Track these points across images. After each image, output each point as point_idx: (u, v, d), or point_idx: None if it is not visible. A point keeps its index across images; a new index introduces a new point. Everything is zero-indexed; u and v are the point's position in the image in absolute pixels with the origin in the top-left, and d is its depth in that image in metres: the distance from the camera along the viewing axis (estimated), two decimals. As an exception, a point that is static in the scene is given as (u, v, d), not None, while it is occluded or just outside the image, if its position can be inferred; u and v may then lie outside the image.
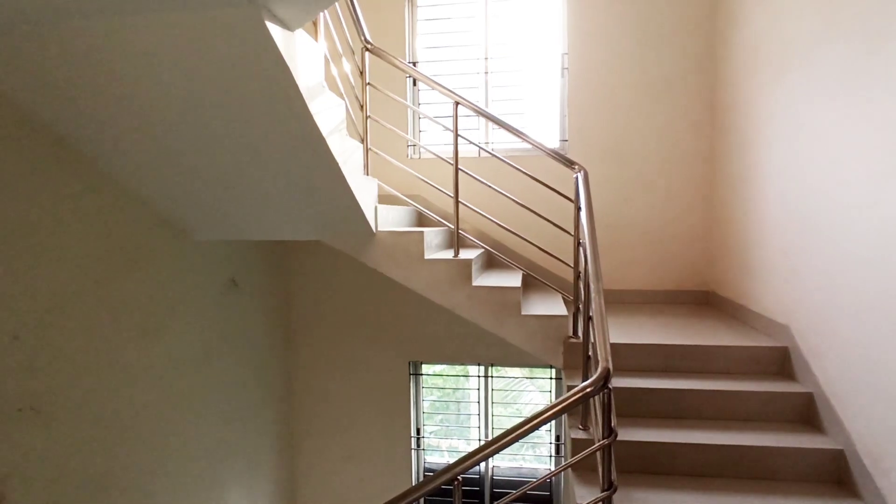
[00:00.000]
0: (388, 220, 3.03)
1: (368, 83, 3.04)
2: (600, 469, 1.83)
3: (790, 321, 2.70)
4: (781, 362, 2.70)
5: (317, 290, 4.25)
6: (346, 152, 2.39)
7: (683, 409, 2.54)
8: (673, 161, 3.88)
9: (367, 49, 2.98)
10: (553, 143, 4.02)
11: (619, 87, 3.88)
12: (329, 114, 2.13)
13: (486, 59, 4.03)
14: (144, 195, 2.57)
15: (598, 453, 1.80)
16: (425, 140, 4.26)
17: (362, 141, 2.98)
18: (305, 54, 1.88)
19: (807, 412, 2.46)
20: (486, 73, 4.04)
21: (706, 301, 3.88)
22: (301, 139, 2.06)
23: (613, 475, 1.76)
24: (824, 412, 2.36)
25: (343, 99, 2.42)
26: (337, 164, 2.22)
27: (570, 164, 2.81)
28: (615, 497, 1.79)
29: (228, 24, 1.53)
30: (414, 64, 4.10)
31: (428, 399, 4.48)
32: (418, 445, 4.34)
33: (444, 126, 3.09)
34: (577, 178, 2.69)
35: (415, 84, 4.14)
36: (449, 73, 4.07)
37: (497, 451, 1.65)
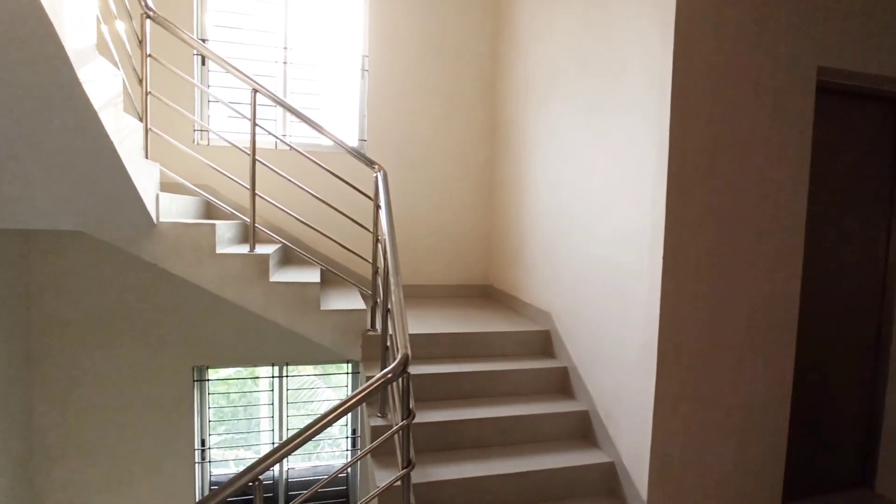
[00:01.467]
0: (171, 210, 2.74)
1: (150, 55, 2.70)
2: (398, 450, 1.95)
3: (551, 309, 3.22)
4: (545, 343, 3.20)
5: (71, 290, 3.58)
6: (123, 131, 2.10)
7: (468, 389, 2.84)
8: (460, 166, 4.27)
9: (148, 17, 2.65)
10: (352, 141, 4.09)
11: (416, 94, 4.12)
12: (102, 84, 1.85)
13: (286, 48, 3.90)
14: None
15: (396, 435, 1.92)
16: (213, 126, 3.93)
17: (141, 119, 2.63)
18: (74, 12, 1.61)
19: (563, 383, 2.97)
20: (285, 63, 3.91)
21: (487, 294, 4.37)
22: (66, 111, 1.75)
23: (412, 454, 1.90)
24: (575, 382, 2.88)
25: (118, 69, 2.12)
26: (112, 143, 1.94)
27: (370, 163, 2.90)
28: (413, 474, 1.92)
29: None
30: (203, 41, 3.75)
31: (213, 407, 4.13)
32: (203, 458, 3.99)
33: (240, 113, 2.90)
34: (377, 177, 2.79)
35: (203, 63, 3.80)
36: (243, 58, 3.82)
37: (303, 444, 1.64)
